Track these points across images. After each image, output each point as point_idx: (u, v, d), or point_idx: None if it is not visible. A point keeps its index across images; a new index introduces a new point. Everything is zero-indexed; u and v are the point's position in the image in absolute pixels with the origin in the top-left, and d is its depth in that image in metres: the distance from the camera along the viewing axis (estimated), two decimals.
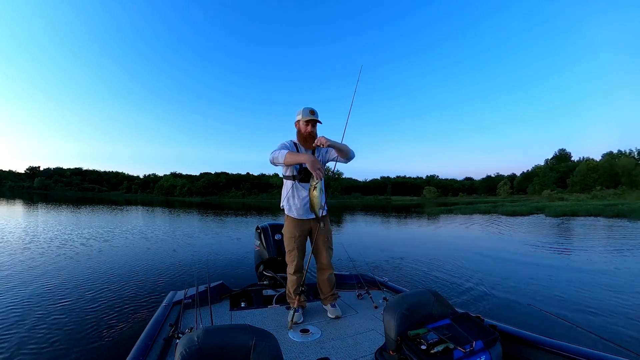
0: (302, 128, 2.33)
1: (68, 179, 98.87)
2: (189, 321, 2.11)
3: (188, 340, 1.05)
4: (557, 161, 68.72)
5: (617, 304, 4.15)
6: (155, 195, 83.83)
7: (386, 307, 1.54)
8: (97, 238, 9.28)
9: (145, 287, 4.67)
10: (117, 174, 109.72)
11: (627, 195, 33.72)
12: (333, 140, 2.16)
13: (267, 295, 2.85)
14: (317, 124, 2.36)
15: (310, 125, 2.31)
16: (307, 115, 2.29)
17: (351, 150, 2.35)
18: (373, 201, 67.04)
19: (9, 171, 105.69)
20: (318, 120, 2.33)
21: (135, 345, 1.65)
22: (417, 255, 7.57)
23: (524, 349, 1.61)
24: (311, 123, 2.31)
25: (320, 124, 2.39)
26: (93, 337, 3.10)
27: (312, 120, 2.30)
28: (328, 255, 2.43)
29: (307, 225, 2.41)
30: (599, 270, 6.00)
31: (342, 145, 2.25)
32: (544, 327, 2.93)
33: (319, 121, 2.34)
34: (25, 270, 5.46)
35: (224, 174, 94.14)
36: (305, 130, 2.31)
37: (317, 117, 2.31)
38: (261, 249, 3.04)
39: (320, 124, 2.38)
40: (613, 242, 9.38)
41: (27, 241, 8.30)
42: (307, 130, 2.31)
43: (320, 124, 2.38)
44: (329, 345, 1.90)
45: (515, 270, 6.09)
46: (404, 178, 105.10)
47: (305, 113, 2.31)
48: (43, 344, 2.94)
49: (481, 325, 1.49)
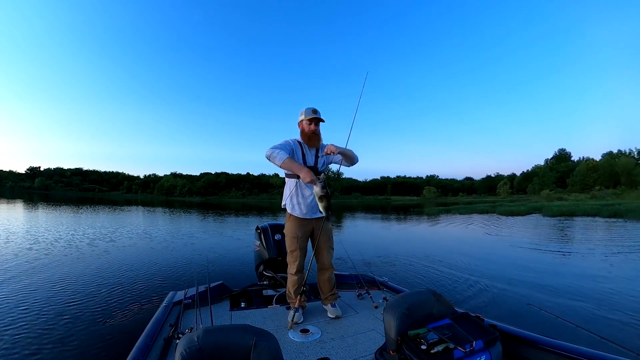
0: (306, 127, 2.34)
1: (68, 179, 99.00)
2: (189, 321, 2.11)
3: (188, 340, 1.05)
4: (557, 161, 68.63)
5: (616, 303, 4.15)
6: (155, 195, 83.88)
7: (386, 307, 1.53)
8: (97, 239, 9.28)
9: (145, 288, 4.67)
10: (118, 174, 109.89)
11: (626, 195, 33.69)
12: (342, 148, 2.26)
13: (267, 295, 2.85)
14: (320, 123, 2.38)
15: (314, 124, 2.33)
16: (310, 114, 2.32)
17: (356, 155, 2.42)
18: (373, 201, 67.03)
19: (10, 171, 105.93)
20: (321, 118, 2.35)
21: (136, 345, 1.65)
22: (417, 255, 7.57)
23: (524, 348, 1.61)
24: (314, 122, 2.33)
25: (323, 123, 2.41)
26: (93, 337, 3.10)
27: (315, 118, 2.32)
28: (329, 255, 2.43)
29: (310, 225, 2.41)
30: (598, 269, 6.00)
31: (348, 152, 2.34)
32: (544, 326, 2.93)
33: (322, 120, 2.37)
34: (25, 270, 5.46)
35: (224, 174, 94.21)
36: (309, 129, 2.33)
37: (319, 116, 2.34)
38: (261, 249, 3.04)
39: (323, 122, 2.40)
40: (609, 242, 9.36)
41: (27, 242, 8.30)
42: (311, 129, 2.33)
43: (323, 122, 2.40)
44: (329, 345, 1.90)
45: (515, 269, 6.08)
46: (404, 178, 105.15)
47: (308, 112, 2.33)
48: (43, 344, 2.94)
49: (481, 325, 1.49)
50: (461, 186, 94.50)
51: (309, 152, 2.39)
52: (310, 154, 2.39)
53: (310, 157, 2.39)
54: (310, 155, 2.39)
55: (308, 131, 2.33)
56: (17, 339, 3.01)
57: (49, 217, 15.99)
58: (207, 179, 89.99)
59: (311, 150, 2.40)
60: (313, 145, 2.37)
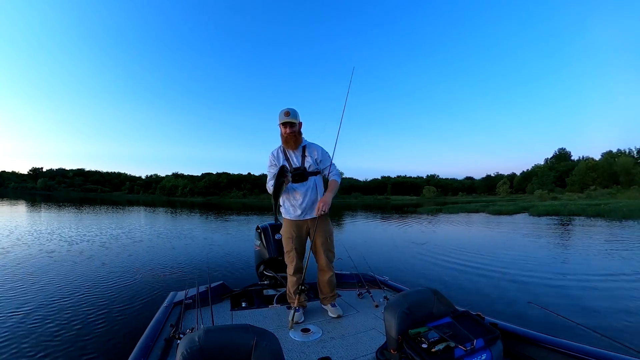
0: (282, 131, 2.37)
1: (71, 180, 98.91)
2: (189, 321, 2.12)
3: (189, 340, 1.05)
4: (556, 160, 68.31)
5: (617, 301, 4.15)
6: (157, 195, 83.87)
7: (387, 305, 1.53)
8: (98, 239, 9.30)
9: (145, 288, 4.68)
10: (119, 174, 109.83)
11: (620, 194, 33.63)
12: (330, 195, 2.33)
13: (267, 295, 2.85)
14: (298, 125, 2.36)
15: (288, 127, 2.32)
16: (282, 118, 2.33)
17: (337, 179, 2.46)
18: (373, 201, 66.89)
19: (12, 172, 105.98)
20: (293, 121, 2.31)
21: (137, 346, 1.65)
22: (417, 253, 7.57)
23: (524, 346, 1.61)
24: (288, 125, 2.32)
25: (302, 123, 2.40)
26: (94, 337, 3.11)
27: (287, 122, 2.31)
28: (326, 257, 2.40)
29: (305, 225, 2.41)
30: (597, 269, 5.99)
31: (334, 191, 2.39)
32: (544, 324, 2.93)
33: (296, 122, 2.33)
34: (25, 270, 5.48)
35: (225, 174, 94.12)
36: (284, 133, 2.35)
37: (292, 118, 2.31)
38: (261, 249, 3.04)
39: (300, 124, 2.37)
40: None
41: (27, 242, 8.33)
42: (286, 132, 2.33)
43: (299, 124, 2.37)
44: (329, 345, 1.90)
45: (514, 268, 6.08)
46: (404, 177, 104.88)
47: (281, 116, 2.33)
48: (44, 344, 2.95)
49: (482, 323, 1.49)
50: (461, 186, 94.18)
51: (293, 154, 2.40)
52: (295, 156, 2.40)
53: (295, 158, 2.40)
54: (296, 157, 2.40)
55: (284, 134, 2.35)
56: (17, 339, 3.01)
57: (51, 217, 16.01)
58: (209, 179, 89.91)
59: (294, 152, 2.40)
60: (292, 148, 2.38)
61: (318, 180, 2.42)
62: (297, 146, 2.38)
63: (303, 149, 2.41)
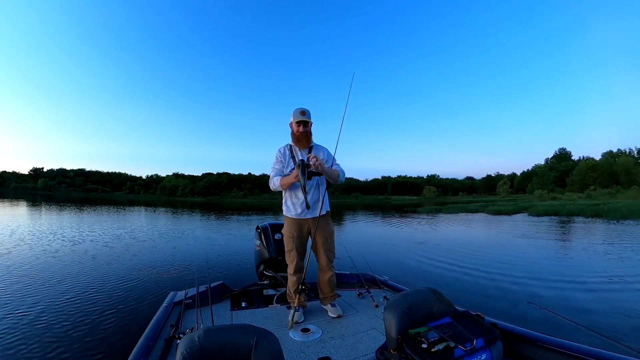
0: (294, 129, 2.40)
1: (71, 180, 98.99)
2: (189, 321, 2.11)
3: (189, 340, 1.05)
4: (557, 160, 68.24)
5: (617, 301, 4.15)
6: (157, 195, 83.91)
7: (387, 305, 1.53)
8: (98, 239, 9.31)
9: (145, 288, 4.68)
10: (120, 174, 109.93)
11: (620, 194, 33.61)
12: (326, 167, 2.31)
13: (267, 294, 2.85)
14: (309, 124, 2.42)
15: (302, 126, 2.37)
16: (297, 117, 2.37)
17: (341, 174, 2.41)
18: (373, 201, 66.90)
19: (13, 172, 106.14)
20: (308, 120, 2.38)
21: (136, 346, 1.65)
22: (417, 253, 7.57)
23: (524, 346, 1.61)
24: (302, 124, 2.37)
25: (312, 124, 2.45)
26: (94, 338, 3.11)
27: (302, 121, 2.36)
28: (327, 257, 2.42)
29: (306, 225, 2.42)
30: (596, 269, 5.99)
31: (331, 172, 2.34)
32: (544, 324, 2.93)
33: (310, 121, 2.40)
34: (26, 270, 5.49)
35: (225, 174, 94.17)
36: (297, 131, 2.38)
37: (307, 117, 2.37)
38: (261, 249, 3.04)
39: (311, 124, 2.44)
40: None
41: (27, 242, 8.33)
42: (299, 130, 2.37)
43: (311, 124, 2.43)
44: (329, 345, 1.90)
45: (514, 268, 6.08)
46: (404, 177, 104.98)
47: (296, 114, 2.37)
48: (44, 344, 2.95)
49: (482, 323, 1.49)
50: (462, 186, 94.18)
51: (301, 152, 2.43)
52: (302, 154, 2.42)
53: (301, 157, 2.41)
54: (302, 156, 2.42)
55: (296, 132, 2.39)
56: (17, 339, 3.02)
57: (52, 217, 16.03)
58: (209, 179, 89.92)
59: (302, 151, 2.43)
60: (302, 147, 2.42)
61: (321, 181, 2.45)
62: (307, 145, 2.43)
63: (310, 149, 2.45)
